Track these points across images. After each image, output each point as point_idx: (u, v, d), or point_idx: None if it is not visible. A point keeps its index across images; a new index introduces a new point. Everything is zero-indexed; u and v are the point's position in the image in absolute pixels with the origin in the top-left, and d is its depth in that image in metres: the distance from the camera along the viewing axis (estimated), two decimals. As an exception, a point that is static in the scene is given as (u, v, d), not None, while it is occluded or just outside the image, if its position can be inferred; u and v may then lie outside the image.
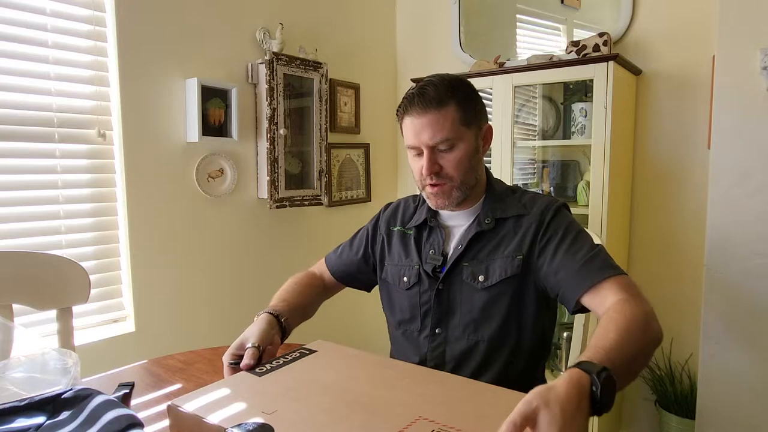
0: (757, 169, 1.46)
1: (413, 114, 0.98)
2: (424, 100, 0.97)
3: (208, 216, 1.86)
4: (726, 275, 1.51)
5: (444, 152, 0.98)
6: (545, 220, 1.00)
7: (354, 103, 2.42)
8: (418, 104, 0.97)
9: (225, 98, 1.85)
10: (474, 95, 1.03)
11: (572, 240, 0.96)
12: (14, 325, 0.82)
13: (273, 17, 2.03)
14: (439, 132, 0.96)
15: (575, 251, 0.94)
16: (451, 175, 0.99)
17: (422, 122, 0.97)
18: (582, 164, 2.15)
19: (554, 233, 0.98)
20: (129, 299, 1.66)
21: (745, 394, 1.50)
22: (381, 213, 1.22)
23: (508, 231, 1.02)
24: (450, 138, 0.97)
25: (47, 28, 1.48)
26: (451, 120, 0.97)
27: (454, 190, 1.01)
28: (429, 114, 0.96)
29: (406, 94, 1.01)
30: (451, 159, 0.98)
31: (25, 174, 1.46)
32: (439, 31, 2.54)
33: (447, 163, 0.99)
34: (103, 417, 0.57)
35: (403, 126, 1.02)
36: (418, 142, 0.98)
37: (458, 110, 0.98)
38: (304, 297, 1.13)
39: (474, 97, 1.02)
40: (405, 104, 1.00)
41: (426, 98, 0.97)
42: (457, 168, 0.99)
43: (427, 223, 1.10)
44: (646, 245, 2.04)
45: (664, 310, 2.02)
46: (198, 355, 1.02)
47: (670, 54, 1.94)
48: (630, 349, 0.71)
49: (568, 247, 0.95)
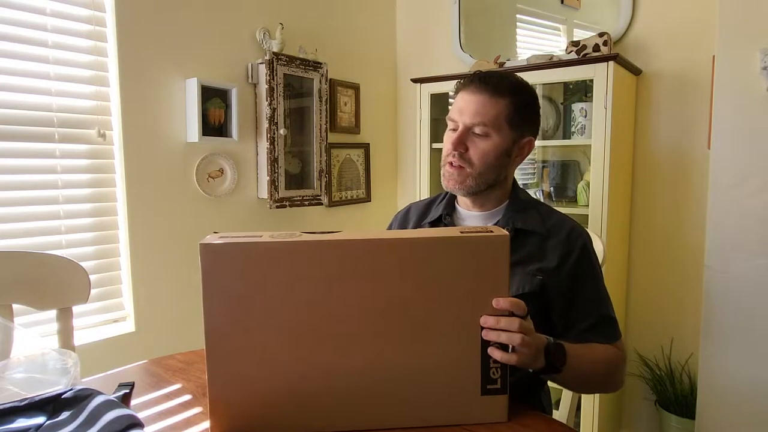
0: (757, 169, 1.45)
1: (467, 90, 0.99)
2: (483, 83, 0.98)
3: (208, 216, 1.86)
4: (726, 275, 1.51)
5: (477, 137, 0.98)
6: (573, 251, 0.99)
7: (354, 103, 2.42)
8: (477, 84, 0.98)
9: (225, 98, 1.85)
10: (532, 106, 1.03)
11: (593, 286, 1.00)
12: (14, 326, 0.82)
13: (273, 17, 2.03)
14: (480, 115, 0.97)
15: (593, 305, 0.99)
16: (472, 161, 0.99)
17: (470, 100, 0.98)
18: (582, 164, 2.15)
19: (581, 274, 0.99)
20: (129, 299, 1.66)
21: (745, 394, 1.50)
22: (393, 220, 1.22)
23: (531, 249, 1.00)
24: (487, 125, 0.97)
25: (47, 28, 1.48)
26: (497, 110, 0.97)
27: (470, 179, 1.00)
28: (481, 95, 0.97)
29: (472, 74, 1.02)
30: (480, 146, 0.98)
31: (25, 174, 1.46)
32: (439, 31, 2.54)
33: (474, 148, 0.99)
34: (103, 417, 0.57)
35: (454, 100, 1.03)
36: (459, 117, 0.99)
37: (509, 106, 0.98)
38: None
39: (531, 107, 1.03)
40: (466, 80, 1.01)
41: (486, 82, 0.98)
42: (481, 157, 0.98)
43: (442, 219, 1.09)
44: (646, 245, 2.04)
45: (664, 310, 2.02)
46: (198, 355, 1.02)
47: (670, 54, 1.94)
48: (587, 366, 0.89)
49: (590, 296, 0.99)
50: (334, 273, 0.66)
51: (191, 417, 0.76)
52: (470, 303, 0.68)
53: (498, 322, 0.69)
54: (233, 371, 0.69)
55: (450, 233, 0.69)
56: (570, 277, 0.98)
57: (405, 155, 2.73)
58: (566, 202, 2.10)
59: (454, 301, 0.68)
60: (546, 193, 2.18)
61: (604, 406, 1.87)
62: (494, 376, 0.70)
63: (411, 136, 2.67)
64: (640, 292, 2.07)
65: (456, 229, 0.71)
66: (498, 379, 0.71)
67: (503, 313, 0.70)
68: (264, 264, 0.66)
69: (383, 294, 0.67)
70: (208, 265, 0.67)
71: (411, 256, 0.67)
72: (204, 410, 0.78)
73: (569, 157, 2.20)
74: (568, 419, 1.11)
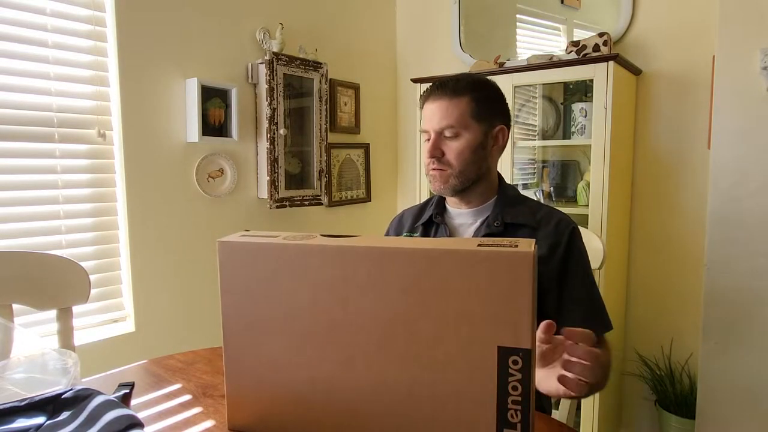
0: (757, 169, 1.46)
1: (429, 100, 1.06)
2: (441, 89, 1.04)
3: (208, 216, 1.86)
4: (726, 275, 1.51)
5: (449, 139, 1.04)
6: (561, 242, 1.03)
7: (354, 103, 2.42)
8: (436, 92, 1.05)
9: (225, 98, 1.85)
10: (495, 96, 1.08)
11: (582, 277, 1.03)
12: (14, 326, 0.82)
13: (273, 17, 2.03)
14: (446, 118, 1.03)
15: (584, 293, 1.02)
16: (451, 162, 1.04)
17: (434, 107, 1.04)
18: (582, 164, 2.15)
19: (571, 265, 1.02)
20: (129, 299, 1.66)
21: (745, 394, 1.50)
22: (389, 227, 1.26)
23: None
24: (455, 126, 1.02)
25: (47, 28, 1.48)
26: (460, 110, 1.03)
27: (452, 178, 1.05)
28: (442, 101, 1.04)
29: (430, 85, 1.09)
30: (454, 147, 1.04)
31: (25, 174, 1.46)
32: (439, 31, 2.54)
33: (449, 150, 1.04)
34: (103, 417, 0.57)
35: (422, 113, 1.09)
36: (429, 126, 1.05)
37: (471, 103, 1.03)
38: None
39: (494, 97, 1.08)
40: (426, 91, 1.08)
41: (444, 87, 1.04)
42: (457, 157, 1.04)
43: (433, 220, 1.13)
44: (646, 245, 2.04)
45: (664, 310, 2.02)
46: (198, 355, 1.02)
47: (670, 54, 1.94)
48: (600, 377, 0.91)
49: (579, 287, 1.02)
50: (339, 279, 0.64)
51: (191, 417, 0.76)
52: (484, 329, 0.58)
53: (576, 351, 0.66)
54: (247, 367, 0.69)
55: (465, 245, 0.60)
56: (560, 265, 1.02)
57: (405, 155, 2.73)
58: (566, 202, 2.10)
59: (465, 324, 0.59)
60: (546, 193, 2.18)
61: (604, 406, 1.87)
62: (513, 420, 0.59)
63: (411, 136, 2.67)
64: (640, 292, 2.07)
65: (474, 241, 0.61)
66: (518, 423, 0.59)
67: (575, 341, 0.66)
68: (274, 264, 0.66)
69: (387, 307, 0.62)
70: (224, 262, 0.68)
71: (419, 268, 0.60)
72: (204, 410, 0.78)
73: (569, 157, 2.20)
74: (568, 419, 1.11)
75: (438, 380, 0.61)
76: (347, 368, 0.65)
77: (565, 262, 1.02)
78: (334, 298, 0.64)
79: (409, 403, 0.63)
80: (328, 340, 0.65)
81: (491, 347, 0.59)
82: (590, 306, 1.03)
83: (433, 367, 0.61)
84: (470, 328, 0.59)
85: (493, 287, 0.58)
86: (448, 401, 0.61)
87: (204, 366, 0.96)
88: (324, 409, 0.67)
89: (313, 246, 0.65)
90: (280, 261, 0.66)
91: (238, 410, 0.70)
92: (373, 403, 0.64)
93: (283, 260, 0.66)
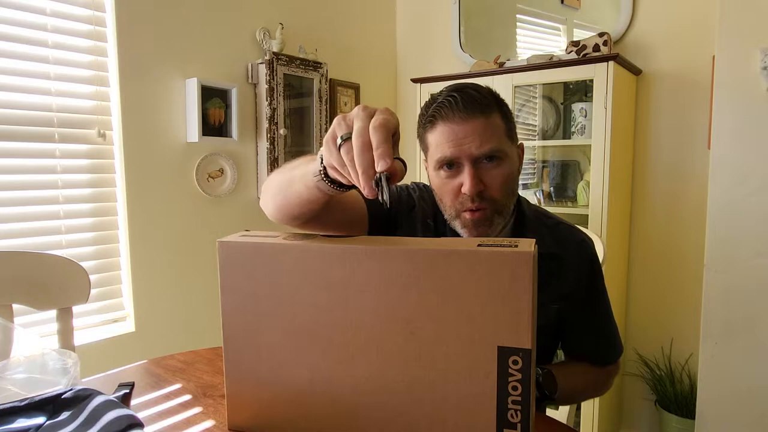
0: (757, 169, 1.45)
1: (454, 120, 0.82)
2: (468, 104, 0.81)
3: (208, 216, 1.86)
4: (726, 275, 1.51)
5: (489, 167, 0.83)
6: (584, 270, 0.92)
7: (354, 103, 2.42)
8: (462, 108, 0.81)
9: (225, 98, 1.85)
10: (509, 109, 0.91)
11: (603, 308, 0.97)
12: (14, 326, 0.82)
13: (273, 17, 2.03)
14: (488, 141, 0.81)
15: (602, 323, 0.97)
16: (494, 196, 0.83)
17: (467, 129, 0.81)
18: (582, 164, 2.15)
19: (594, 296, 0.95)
20: (129, 299, 1.66)
21: (745, 394, 1.50)
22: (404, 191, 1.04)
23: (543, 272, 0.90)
24: (500, 149, 0.82)
25: (47, 28, 1.48)
26: (500, 129, 0.83)
27: (496, 216, 0.85)
28: (475, 119, 0.81)
29: (437, 100, 0.84)
30: (498, 176, 0.83)
31: (25, 174, 1.46)
32: (439, 31, 2.54)
33: (492, 181, 0.83)
34: (103, 417, 0.57)
35: (431, 136, 0.85)
36: (460, 152, 0.81)
37: (503, 120, 0.85)
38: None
39: (509, 110, 0.91)
40: (439, 109, 0.83)
41: (471, 101, 0.81)
42: (502, 187, 0.83)
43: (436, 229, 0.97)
44: (646, 245, 2.04)
45: (664, 310, 2.02)
46: (198, 355, 1.02)
47: (670, 54, 1.94)
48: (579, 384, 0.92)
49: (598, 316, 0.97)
50: (338, 279, 0.64)
51: (191, 417, 0.76)
52: (485, 329, 0.58)
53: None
54: (247, 367, 0.69)
55: (466, 245, 0.59)
56: (582, 302, 0.92)
57: (405, 155, 2.72)
58: (566, 202, 2.10)
59: (465, 324, 0.59)
60: (546, 193, 2.18)
61: (604, 406, 1.87)
62: (513, 420, 0.59)
63: (411, 137, 2.67)
64: (640, 292, 2.07)
65: (474, 241, 0.61)
66: (518, 423, 0.59)
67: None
68: (274, 264, 0.66)
69: (387, 307, 0.62)
70: (224, 262, 0.68)
71: (420, 267, 0.59)
72: (204, 410, 0.78)
73: (569, 157, 2.20)
74: (568, 419, 1.11)
75: (438, 380, 0.61)
76: (347, 368, 0.65)
77: (588, 297, 0.94)
78: (334, 298, 0.64)
79: (409, 403, 0.63)
80: (328, 340, 0.65)
81: (491, 347, 0.59)
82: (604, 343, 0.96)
83: (433, 367, 0.61)
84: (470, 328, 0.59)
85: (493, 287, 0.58)
86: (448, 401, 0.61)
87: (204, 366, 0.96)
88: (324, 409, 0.67)
89: (313, 246, 0.65)
90: (280, 261, 0.66)
91: (238, 410, 0.70)
92: (373, 403, 0.64)
93: (283, 260, 0.66)
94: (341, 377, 0.65)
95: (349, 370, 0.65)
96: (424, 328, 0.61)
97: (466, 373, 0.60)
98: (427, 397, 0.62)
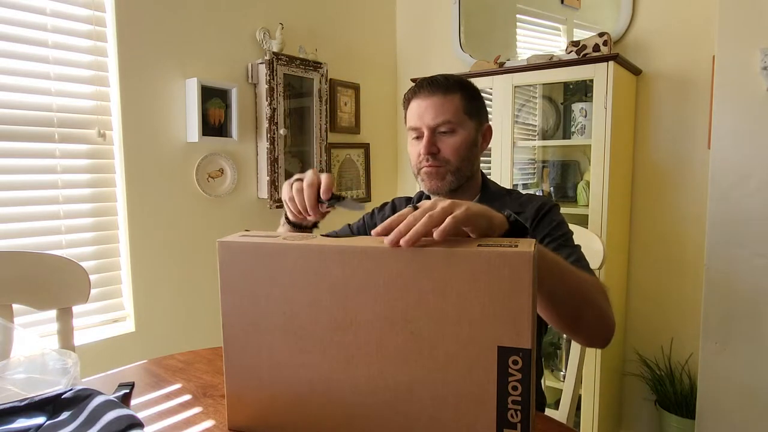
0: (757, 169, 1.46)
1: (420, 97, 1.04)
2: (432, 85, 1.03)
3: (208, 216, 1.86)
4: (726, 275, 1.51)
5: (444, 135, 1.03)
6: (540, 214, 1.02)
7: (354, 103, 2.42)
8: (427, 88, 1.03)
9: (225, 98, 1.85)
10: (478, 95, 1.08)
11: (561, 235, 1.00)
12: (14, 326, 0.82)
13: (273, 17, 2.03)
14: (442, 114, 1.01)
15: (562, 245, 0.98)
16: (447, 158, 1.03)
17: (427, 104, 1.02)
18: (582, 164, 2.15)
19: (548, 224, 1.01)
20: (129, 299, 1.66)
21: (745, 394, 1.50)
22: (375, 211, 1.27)
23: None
24: (452, 121, 1.02)
25: (47, 28, 1.48)
26: (455, 105, 1.02)
27: (449, 174, 1.04)
28: (435, 97, 1.02)
29: (416, 83, 1.06)
30: (450, 143, 1.02)
31: (25, 174, 1.46)
32: (439, 31, 2.54)
33: (445, 147, 1.03)
34: (103, 417, 0.57)
35: (408, 111, 1.07)
36: (421, 123, 1.03)
37: (463, 99, 1.03)
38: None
39: (478, 95, 1.08)
40: (413, 89, 1.06)
41: (434, 84, 1.03)
42: (454, 153, 1.03)
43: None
44: (646, 245, 2.04)
45: (664, 310, 2.02)
46: (198, 355, 1.02)
47: (670, 54, 1.94)
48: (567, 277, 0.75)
49: (556, 241, 0.99)
50: (338, 279, 0.64)
51: (191, 417, 0.76)
52: (485, 329, 0.59)
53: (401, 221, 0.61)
54: (247, 367, 0.69)
55: (466, 245, 0.60)
56: (540, 230, 1.01)
57: (405, 155, 2.73)
58: (566, 202, 2.10)
59: (465, 324, 0.59)
60: (546, 193, 2.18)
61: (604, 406, 1.87)
62: (513, 420, 0.59)
63: (411, 136, 2.67)
64: (640, 292, 2.07)
65: (474, 241, 0.62)
66: (518, 423, 0.59)
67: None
68: (274, 264, 0.66)
69: (387, 307, 0.62)
70: (224, 262, 0.68)
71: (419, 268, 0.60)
72: (204, 410, 0.78)
73: (569, 157, 2.20)
74: (568, 419, 1.11)
75: (438, 380, 0.61)
76: (347, 368, 0.65)
77: (541, 225, 1.01)
78: (334, 298, 0.64)
79: (409, 403, 0.63)
80: (327, 340, 0.65)
81: (491, 347, 0.59)
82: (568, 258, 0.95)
83: (433, 367, 0.61)
84: (470, 328, 0.59)
85: (493, 287, 0.58)
86: (448, 401, 0.62)
87: (204, 366, 0.96)
88: (324, 409, 0.67)
89: (313, 246, 0.65)
90: (280, 261, 0.66)
91: (238, 410, 0.70)
92: (373, 403, 0.64)
93: (283, 260, 0.66)
94: (341, 377, 0.65)
95: (348, 370, 0.65)
96: (424, 328, 0.61)
97: (466, 373, 0.60)
98: (427, 396, 0.62)
